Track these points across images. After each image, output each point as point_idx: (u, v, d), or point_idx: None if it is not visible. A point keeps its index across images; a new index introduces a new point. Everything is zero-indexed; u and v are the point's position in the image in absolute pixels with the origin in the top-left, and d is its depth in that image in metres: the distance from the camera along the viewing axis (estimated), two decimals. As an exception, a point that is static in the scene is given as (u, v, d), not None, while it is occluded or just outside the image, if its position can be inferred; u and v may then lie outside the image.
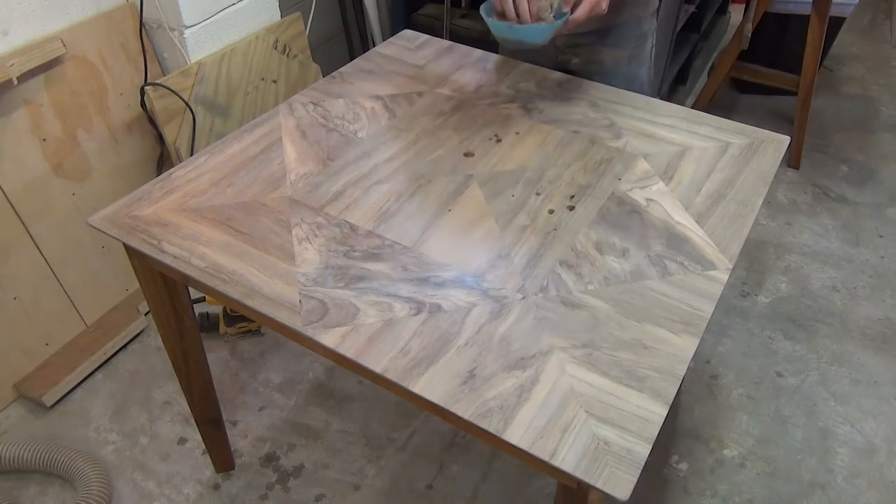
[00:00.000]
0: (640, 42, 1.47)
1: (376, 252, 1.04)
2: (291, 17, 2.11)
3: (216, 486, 1.61)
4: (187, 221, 1.10)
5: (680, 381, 0.87)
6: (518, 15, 1.17)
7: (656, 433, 0.80)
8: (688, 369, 0.89)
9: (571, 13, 1.18)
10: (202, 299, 1.88)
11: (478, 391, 0.85)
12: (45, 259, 1.75)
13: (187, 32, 1.81)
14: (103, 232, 1.08)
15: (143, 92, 1.80)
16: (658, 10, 1.48)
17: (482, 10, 1.24)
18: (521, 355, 0.89)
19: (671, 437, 1.69)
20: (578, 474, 0.76)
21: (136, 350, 1.92)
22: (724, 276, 1.00)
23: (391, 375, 0.87)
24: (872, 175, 2.53)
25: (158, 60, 1.90)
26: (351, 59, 1.56)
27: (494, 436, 0.80)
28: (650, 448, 0.79)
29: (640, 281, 0.99)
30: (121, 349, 1.91)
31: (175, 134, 1.85)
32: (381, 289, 0.98)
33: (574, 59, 1.48)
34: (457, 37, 2.55)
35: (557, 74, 1.45)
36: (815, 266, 2.16)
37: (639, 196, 1.15)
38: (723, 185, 1.17)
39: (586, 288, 0.99)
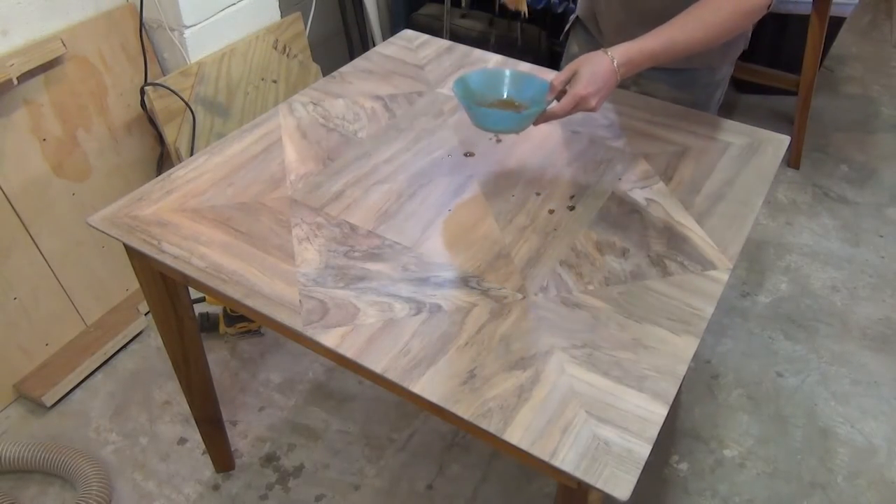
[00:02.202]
0: (708, 90, 1.36)
1: (376, 252, 1.04)
2: (291, 17, 2.11)
3: (216, 486, 1.61)
4: (187, 221, 1.10)
5: (680, 381, 0.87)
6: None
7: (656, 433, 0.80)
8: (688, 369, 0.89)
9: (557, 100, 1.06)
10: (202, 299, 1.88)
11: (478, 391, 0.85)
12: (45, 259, 1.74)
13: (187, 32, 1.81)
14: (103, 232, 1.08)
15: (143, 92, 1.80)
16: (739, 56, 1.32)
17: (455, 90, 1.09)
18: (521, 355, 0.89)
19: (671, 437, 1.69)
20: (579, 474, 0.76)
21: (136, 350, 1.92)
22: (724, 276, 1.00)
23: (391, 375, 0.87)
24: (872, 175, 2.53)
25: (158, 60, 1.90)
26: (351, 59, 1.56)
27: (494, 436, 0.80)
28: (650, 448, 0.79)
29: (640, 281, 0.99)
30: (121, 349, 1.91)
31: (175, 134, 1.85)
32: (381, 289, 0.98)
33: (632, 86, 1.39)
34: (457, 37, 2.55)
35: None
36: (815, 266, 2.16)
37: (639, 196, 1.14)
38: (723, 185, 1.17)
39: (586, 288, 0.99)
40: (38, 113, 1.64)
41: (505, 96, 1.14)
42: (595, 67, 1.03)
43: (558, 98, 1.06)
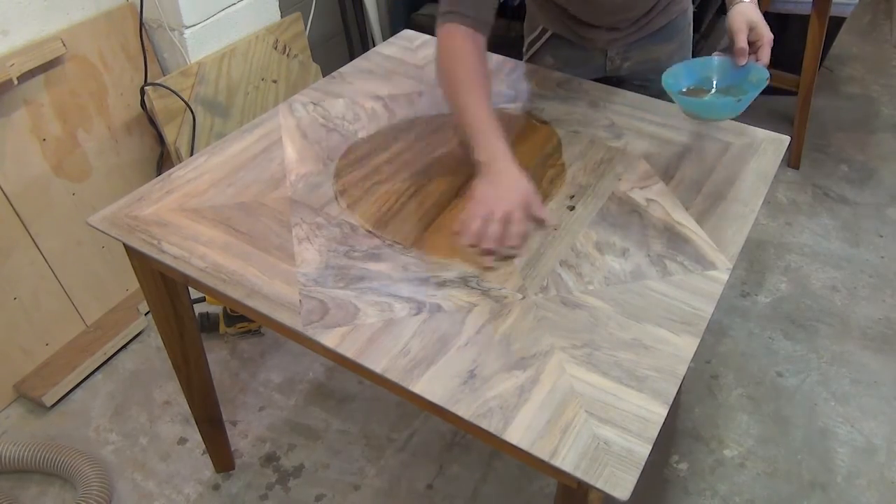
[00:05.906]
0: (686, 30, 1.49)
1: (376, 252, 1.04)
2: (291, 17, 2.11)
3: (216, 486, 1.61)
4: (187, 221, 1.10)
5: (680, 381, 0.87)
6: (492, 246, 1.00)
7: (656, 433, 0.80)
8: (688, 369, 0.89)
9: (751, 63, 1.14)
10: (202, 299, 1.88)
11: (478, 391, 0.85)
12: (45, 259, 1.75)
13: (187, 32, 1.81)
14: (103, 232, 1.08)
15: (143, 92, 1.80)
16: None
17: (666, 83, 1.14)
18: (521, 355, 0.89)
19: (671, 437, 1.69)
20: (579, 474, 0.76)
21: (136, 350, 1.92)
22: (724, 276, 1.00)
23: (391, 375, 0.87)
24: (872, 175, 2.53)
25: (158, 60, 1.90)
26: (351, 59, 1.56)
27: (494, 436, 0.80)
28: (650, 448, 0.79)
29: (640, 281, 0.99)
30: (121, 349, 1.91)
31: (175, 134, 1.85)
32: (381, 289, 0.98)
33: (625, 63, 1.46)
34: (457, 37, 2.54)
35: (557, 74, 1.45)
36: (815, 266, 2.16)
37: (639, 196, 1.14)
38: (723, 185, 1.17)
39: (586, 288, 0.99)
40: (38, 113, 1.64)
41: (715, 85, 1.19)
42: (755, 12, 1.14)
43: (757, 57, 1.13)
